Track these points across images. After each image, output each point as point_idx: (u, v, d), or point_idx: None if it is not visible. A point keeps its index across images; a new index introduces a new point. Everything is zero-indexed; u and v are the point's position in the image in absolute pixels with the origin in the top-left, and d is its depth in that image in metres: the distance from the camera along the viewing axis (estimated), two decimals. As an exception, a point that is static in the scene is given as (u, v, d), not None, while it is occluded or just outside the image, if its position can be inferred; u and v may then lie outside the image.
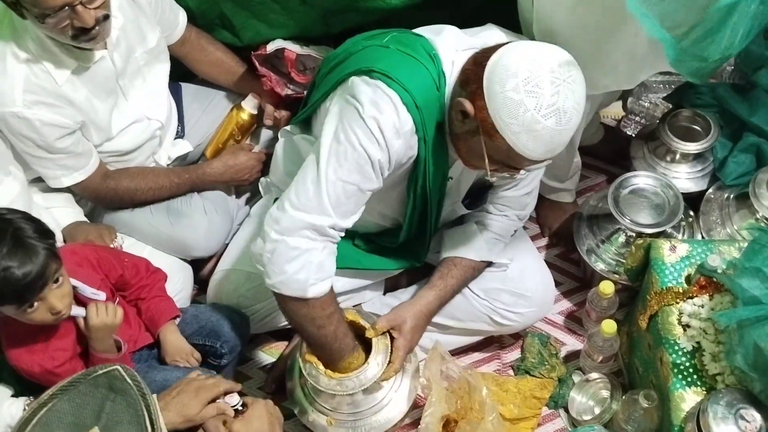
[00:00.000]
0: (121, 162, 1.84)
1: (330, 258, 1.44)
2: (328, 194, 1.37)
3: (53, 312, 1.37)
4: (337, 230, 1.43)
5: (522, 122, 1.27)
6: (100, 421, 0.98)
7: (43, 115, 1.60)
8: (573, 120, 1.29)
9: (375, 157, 1.37)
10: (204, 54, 1.96)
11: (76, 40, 1.56)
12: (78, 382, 1.02)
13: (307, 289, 1.41)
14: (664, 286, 1.60)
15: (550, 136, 1.28)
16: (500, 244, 1.71)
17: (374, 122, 1.35)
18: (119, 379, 1.03)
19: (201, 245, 1.87)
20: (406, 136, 1.39)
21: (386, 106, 1.36)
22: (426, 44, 1.43)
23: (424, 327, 1.65)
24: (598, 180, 2.18)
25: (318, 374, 1.52)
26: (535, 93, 1.26)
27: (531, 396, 1.80)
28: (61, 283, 1.37)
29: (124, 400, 1.01)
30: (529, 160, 1.33)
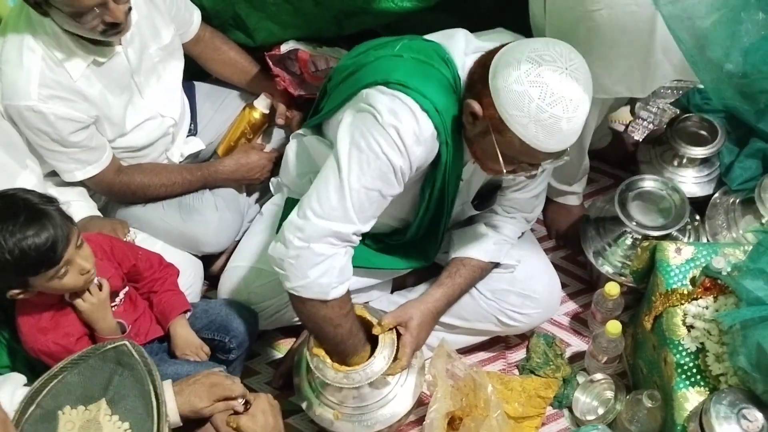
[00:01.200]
0: (135, 158, 1.86)
1: (350, 261, 1.47)
2: (352, 202, 1.39)
3: (83, 272, 1.41)
4: (358, 235, 1.45)
5: (529, 113, 1.28)
6: (108, 394, 1.01)
7: (58, 109, 1.62)
8: (580, 108, 1.30)
9: (397, 164, 1.38)
10: (218, 53, 1.99)
11: (104, 34, 1.59)
12: (87, 356, 1.05)
13: (328, 293, 1.44)
14: (669, 288, 1.61)
15: (558, 124, 1.29)
16: (507, 245, 1.73)
17: (394, 130, 1.36)
18: (127, 354, 1.05)
19: (212, 241, 1.89)
20: (426, 143, 1.40)
21: (405, 114, 1.37)
22: (439, 49, 1.45)
23: (431, 325, 1.66)
24: (606, 183, 2.20)
25: (325, 367, 1.54)
26: (539, 83, 1.27)
27: (535, 395, 1.81)
28: (82, 246, 1.42)
29: (132, 375, 1.03)
30: (542, 153, 1.34)
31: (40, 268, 1.36)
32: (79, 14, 1.52)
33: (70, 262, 1.39)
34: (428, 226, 1.65)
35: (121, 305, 1.61)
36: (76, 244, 1.40)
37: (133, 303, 1.65)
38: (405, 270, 1.84)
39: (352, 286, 1.75)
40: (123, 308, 1.61)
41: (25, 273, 1.37)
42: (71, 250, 1.38)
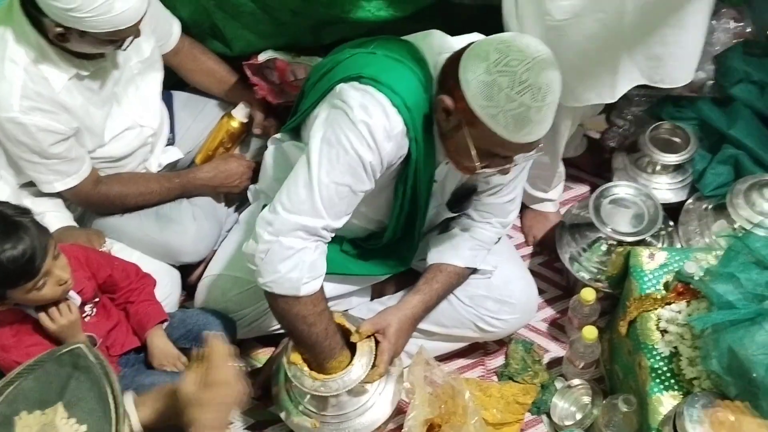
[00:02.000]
0: (113, 168, 1.86)
1: (321, 257, 1.46)
2: (321, 196, 1.40)
3: (61, 283, 1.41)
4: (329, 231, 1.45)
5: (498, 103, 1.29)
6: (64, 397, 1.00)
7: (39, 121, 1.62)
8: (549, 97, 1.30)
9: (366, 159, 1.39)
10: (196, 63, 1.99)
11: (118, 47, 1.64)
12: (43, 361, 1.04)
13: (299, 288, 1.44)
14: (643, 293, 1.63)
15: (527, 113, 1.29)
16: (484, 251, 1.74)
17: (365, 126, 1.38)
18: (83, 357, 1.04)
19: (189, 250, 1.88)
20: (396, 139, 1.41)
21: (376, 109, 1.38)
22: (412, 48, 1.47)
23: (409, 331, 1.66)
24: (582, 190, 2.22)
25: (302, 376, 1.54)
26: (506, 72, 1.28)
27: (514, 401, 1.82)
28: (58, 255, 1.42)
29: (88, 378, 1.03)
30: (514, 144, 1.33)
31: (19, 280, 1.36)
32: (114, 42, 1.61)
33: (48, 273, 1.39)
34: (404, 229, 1.65)
35: (94, 316, 1.61)
36: (53, 255, 1.39)
37: (106, 313, 1.64)
38: (383, 276, 1.84)
39: (330, 293, 1.76)
40: (95, 319, 1.61)
41: (3, 286, 1.36)
42: (49, 261, 1.38)
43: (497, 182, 1.62)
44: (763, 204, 1.77)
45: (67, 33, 1.55)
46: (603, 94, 1.67)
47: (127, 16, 1.55)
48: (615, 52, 1.59)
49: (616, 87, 1.66)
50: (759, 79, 1.97)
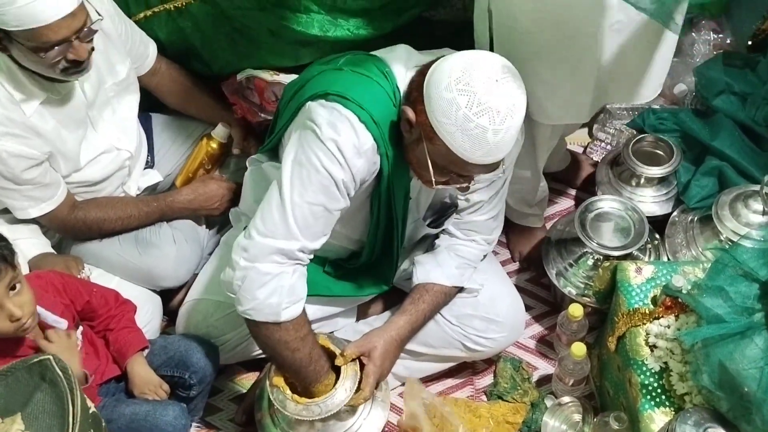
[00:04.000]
0: (90, 192, 1.83)
1: (301, 280, 1.44)
2: (294, 218, 1.38)
3: (12, 320, 1.34)
4: (306, 253, 1.43)
5: (455, 121, 1.27)
6: (26, 409, 0.98)
7: (10, 147, 1.59)
8: (508, 121, 1.28)
9: (338, 177, 1.38)
10: (174, 85, 1.97)
11: (65, 73, 1.57)
12: (16, 368, 1.03)
13: (280, 313, 1.41)
14: (630, 308, 1.61)
15: (484, 135, 1.27)
16: (470, 269, 1.72)
17: (333, 144, 1.37)
18: (50, 370, 1.03)
19: (170, 275, 1.85)
20: (367, 155, 1.40)
21: (344, 126, 1.37)
22: (378, 63, 1.46)
23: (395, 353, 1.64)
24: (567, 205, 2.21)
25: (285, 400, 1.51)
26: (467, 91, 1.26)
27: (504, 421, 1.80)
28: (18, 291, 1.35)
29: (53, 392, 1.01)
30: (470, 164, 1.32)
31: None
32: (41, 49, 1.50)
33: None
34: (383, 247, 1.63)
35: (81, 349, 1.57)
36: (6, 287, 1.33)
37: (92, 345, 1.60)
38: (366, 296, 1.82)
39: (315, 315, 1.75)
40: (84, 351, 1.57)
41: None
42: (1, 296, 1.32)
43: (477, 199, 1.61)
44: (748, 215, 1.77)
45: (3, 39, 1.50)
46: (575, 114, 1.68)
47: (41, 9, 1.45)
48: (589, 71, 1.59)
49: (589, 106, 1.67)
50: (740, 90, 1.98)
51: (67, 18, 1.48)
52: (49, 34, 1.48)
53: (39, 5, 1.45)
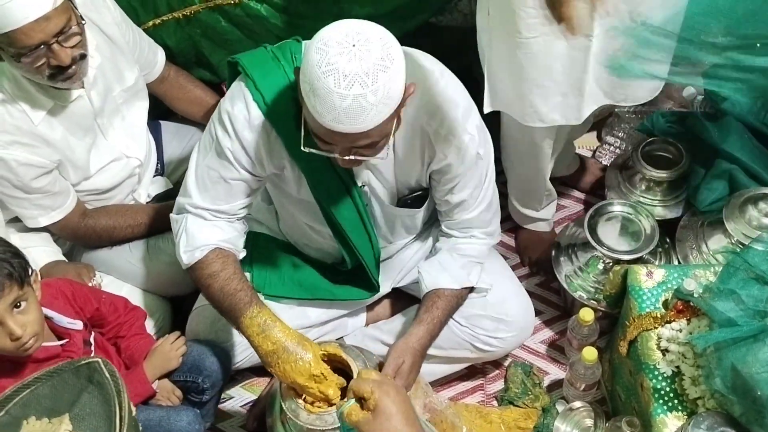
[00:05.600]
0: (100, 200, 1.84)
1: (200, 229, 1.52)
2: (194, 177, 1.51)
3: (12, 338, 1.31)
4: (210, 211, 1.52)
5: (309, 79, 1.25)
6: (74, 410, 0.99)
7: (19, 155, 1.59)
8: (357, 89, 1.22)
9: (226, 145, 1.45)
10: (183, 92, 1.98)
11: (53, 79, 1.56)
12: (62, 370, 1.04)
13: (180, 257, 1.53)
14: (642, 312, 1.60)
15: (330, 97, 1.22)
16: (477, 266, 1.69)
17: (226, 114, 1.44)
18: (99, 372, 1.04)
19: (179, 282, 1.84)
20: (257, 130, 1.43)
21: (239, 101, 1.43)
22: (294, 46, 1.46)
23: (420, 364, 1.61)
24: (576, 209, 2.20)
25: (298, 408, 1.50)
26: (322, 50, 1.24)
27: (515, 426, 1.79)
28: (23, 309, 1.32)
29: (101, 394, 1.02)
30: (327, 129, 1.27)
31: None
32: (20, 54, 1.49)
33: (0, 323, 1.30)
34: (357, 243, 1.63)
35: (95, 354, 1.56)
36: (10, 305, 1.30)
37: (104, 351, 1.60)
38: (367, 298, 1.81)
39: (320, 318, 1.79)
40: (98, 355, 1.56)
41: None
42: (3, 312, 1.29)
43: (458, 200, 1.59)
44: (759, 218, 1.75)
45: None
46: (568, 116, 1.66)
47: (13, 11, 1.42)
48: (581, 74, 1.58)
49: (582, 109, 1.65)
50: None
51: (40, 21, 1.46)
52: (23, 38, 1.46)
53: (12, 7, 1.43)
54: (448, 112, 1.45)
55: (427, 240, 1.81)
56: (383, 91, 1.24)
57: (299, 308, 1.76)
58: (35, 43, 1.48)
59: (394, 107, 1.28)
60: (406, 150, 1.48)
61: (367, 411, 1.15)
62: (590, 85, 1.59)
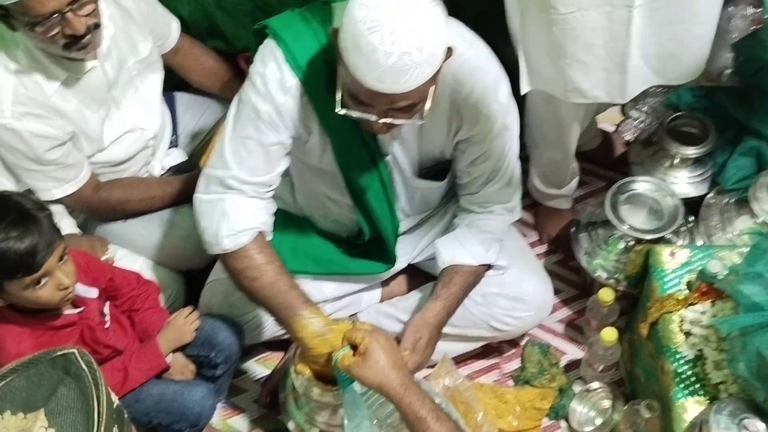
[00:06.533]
0: (114, 173, 1.83)
1: (243, 210, 1.46)
2: (230, 149, 1.45)
3: (60, 288, 1.38)
4: (248, 184, 1.46)
5: (352, 36, 1.21)
6: (49, 404, 0.96)
7: (33, 127, 1.58)
8: (403, 47, 1.19)
9: (261, 108, 1.41)
10: (197, 63, 1.95)
11: (67, 49, 1.55)
12: (38, 360, 1.00)
13: (222, 242, 1.45)
14: (664, 293, 1.57)
15: (375, 55, 1.19)
16: (496, 243, 1.66)
17: (259, 76, 1.40)
18: (74, 364, 1.00)
19: (193, 256, 1.83)
20: (292, 92, 1.40)
21: (270, 61, 1.40)
22: (323, 8, 1.42)
23: (437, 340, 1.60)
24: (598, 186, 2.15)
25: (310, 386, 1.49)
26: (366, 6, 1.20)
27: (531, 407, 1.77)
28: (65, 261, 1.39)
29: (78, 387, 0.98)
30: (368, 90, 1.25)
31: (17, 272, 1.33)
32: (34, 23, 1.48)
33: (50, 273, 1.36)
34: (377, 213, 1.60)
35: (110, 324, 1.57)
36: (59, 257, 1.37)
37: (119, 323, 1.60)
38: (383, 273, 1.79)
39: (334, 293, 1.77)
40: (112, 329, 1.57)
41: (1, 275, 1.33)
42: (52, 261, 1.35)
43: (479, 173, 1.56)
44: (788, 197, 1.70)
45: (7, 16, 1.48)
46: (613, 94, 1.61)
47: None
48: (623, 49, 1.52)
49: (627, 87, 1.60)
50: (780, 66, 1.90)
51: None
52: (36, 6, 1.45)
53: None
54: (479, 80, 1.43)
55: (445, 215, 1.78)
56: (428, 49, 1.22)
57: (314, 283, 1.74)
58: (49, 12, 1.47)
59: (437, 67, 1.26)
60: (433, 118, 1.44)
61: (358, 357, 1.27)
62: (635, 62, 1.53)
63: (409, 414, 1.24)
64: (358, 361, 1.28)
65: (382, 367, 1.26)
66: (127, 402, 1.56)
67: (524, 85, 1.62)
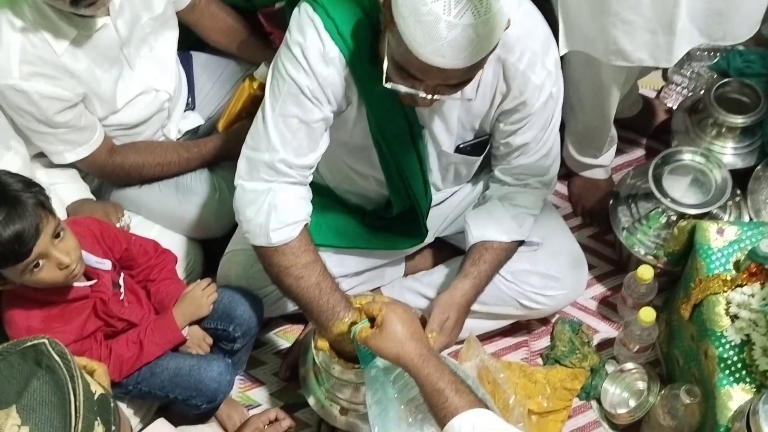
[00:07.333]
0: (129, 136, 1.77)
1: (293, 202, 1.40)
2: (273, 130, 1.36)
3: (61, 267, 1.31)
4: (294, 168, 1.39)
5: (411, 4, 1.12)
6: (22, 400, 0.89)
7: (42, 88, 1.52)
8: (467, 17, 1.10)
9: (303, 83, 1.32)
10: (214, 21, 1.87)
11: (75, 5, 1.47)
12: (8, 351, 0.93)
13: (269, 235, 1.38)
14: (709, 273, 1.49)
15: (436, 26, 1.11)
16: (530, 218, 1.60)
17: (298, 47, 1.31)
18: (46, 355, 0.93)
19: (211, 224, 1.79)
20: (334, 63, 1.31)
21: (310, 30, 1.30)
22: None
23: (464, 320, 1.55)
24: (636, 155, 2.07)
25: (330, 362, 1.44)
26: None
27: (561, 387, 1.71)
28: (63, 237, 1.32)
29: (52, 380, 0.91)
30: (422, 63, 1.16)
31: (7, 261, 1.27)
32: None
33: (45, 255, 1.29)
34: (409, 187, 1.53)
35: (125, 297, 1.53)
36: (52, 236, 1.30)
37: (134, 294, 1.56)
38: (408, 248, 1.74)
39: (357, 267, 1.72)
40: (127, 300, 1.53)
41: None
42: (43, 242, 1.28)
43: (520, 142, 1.48)
44: None
45: None
46: (658, 56, 1.52)
47: None
48: (672, 8, 1.43)
49: (673, 50, 1.51)
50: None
51: None
52: None
53: None
54: (528, 45, 1.34)
55: (476, 186, 1.70)
56: (493, 22, 1.13)
57: (336, 256, 1.67)
58: None
59: (497, 42, 1.17)
60: (475, 88, 1.35)
61: (376, 328, 1.26)
62: (683, 21, 1.43)
63: (426, 386, 1.20)
64: (375, 333, 1.26)
65: (400, 338, 1.24)
66: (142, 375, 1.55)
67: (563, 46, 1.54)
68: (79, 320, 1.43)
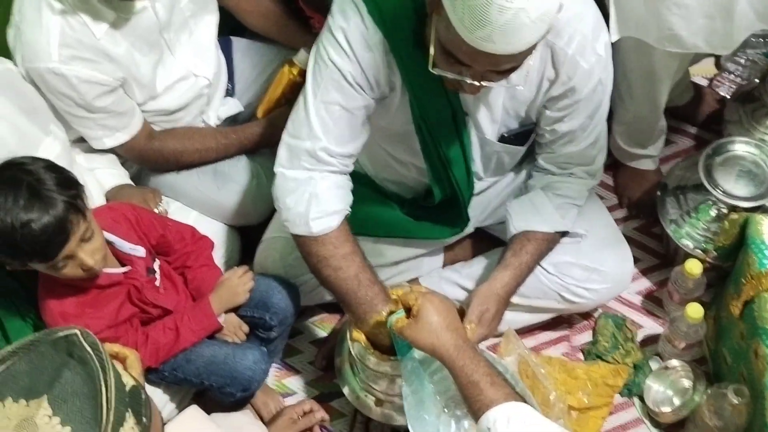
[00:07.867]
0: (168, 122, 1.77)
1: (334, 192, 1.39)
2: (315, 117, 1.35)
3: (84, 268, 1.33)
4: (336, 157, 1.38)
5: None
6: (53, 390, 0.88)
7: (81, 72, 1.52)
8: (520, 1, 1.06)
9: (346, 69, 1.31)
10: (254, 4, 1.86)
11: None
12: (39, 341, 0.92)
13: (309, 224, 1.38)
14: (762, 269, 1.45)
15: (487, 10, 1.06)
16: (573, 208, 1.56)
17: (341, 32, 1.30)
18: (78, 346, 0.92)
19: (249, 211, 1.79)
20: (377, 49, 1.30)
21: (353, 14, 1.29)
22: None
23: (503, 312, 1.53)
24: (686, 145, 2.02)
25: (366, 354, 1.43)
26: None
27: (603, 383, 1.68)
28: (90, 239, 1.32)
29: (84, 371, 0.90)
30: (470, 48, 1.13)
31: (31, 260, 1.28)
32: None
33: (70, 256, 1.30)
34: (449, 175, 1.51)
35: (161, 283, 1.53)
36: (80, 239, 1.30)
37: (170, 280, 1.57)
38: (447, 238, 1.71)
39: (395, 257, 1.70)
40: (163, 287, 1.54)
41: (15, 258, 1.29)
42: (71, 246, 1.28)
43: (566, 129, 1.45)
44: None
45: None
46: (714, 43, 1.47)
47: None
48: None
49: (731, 37, 1.45)
50: None
51: None
52: None
53: None
54: (578, 29, 1.30)
55: (519, 176, 1.67)
56: (545, 6, 1.09)
57: (374, 245, 1.66)
58: None
59: (549, 26, 1.13)
60: (524, 75, 1.31)
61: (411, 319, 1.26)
62: (742, 4, 1.37)
63: (461, 377, 1.18)
64: (410, 323, 1.26)
65: (435, 328, 1.23)
66: (178, 362, 1.55)
67: (614, 32, 1.49)
68: (113, 306, 1.43)
